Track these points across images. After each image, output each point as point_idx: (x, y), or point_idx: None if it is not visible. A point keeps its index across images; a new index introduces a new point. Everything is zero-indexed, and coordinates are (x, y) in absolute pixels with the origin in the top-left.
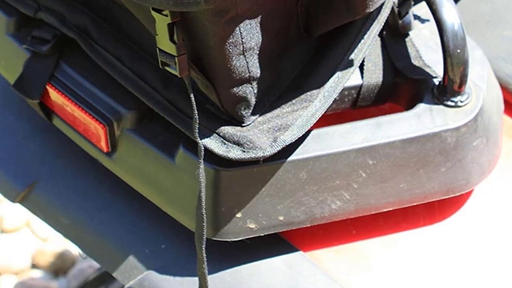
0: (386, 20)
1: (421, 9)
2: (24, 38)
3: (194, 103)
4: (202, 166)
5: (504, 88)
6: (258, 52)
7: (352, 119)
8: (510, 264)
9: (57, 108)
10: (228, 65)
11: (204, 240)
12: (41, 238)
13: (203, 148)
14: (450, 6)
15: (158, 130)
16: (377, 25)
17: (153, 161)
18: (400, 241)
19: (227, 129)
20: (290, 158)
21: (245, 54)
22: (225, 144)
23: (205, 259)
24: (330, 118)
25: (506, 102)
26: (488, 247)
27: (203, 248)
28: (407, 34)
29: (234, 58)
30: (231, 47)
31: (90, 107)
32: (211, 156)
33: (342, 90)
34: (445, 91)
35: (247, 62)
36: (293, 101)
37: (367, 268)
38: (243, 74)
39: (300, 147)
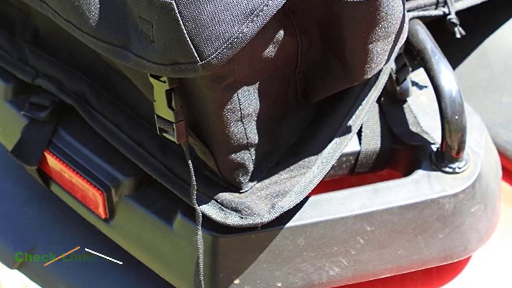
0: (384, 86)
1: (419, 75)
2: (22, 105)
3: (192, 169)
4: (200, 232)
5: (502, 154)
6: (256, 118)
7: (350, 185)
8: None
9: (55, 175)
10: (226, 132)
11: None
12: None
13: (201, 214)
14: (448, 72)
15: (156, 196)
16: (375, 91)
17: (151, 228)
18: None
19: (225, 196)
20: (288, 224)
21: (243, 120)
22: (223, 210)
23: None
24: (328, 184)
25: (504, 168)
26: None
27: None
28: (405, 101)
29: (232, 124)
30: (229, 114)
31: (88, 173)
32: (209, 223)
33: (340, 156)
34: (443, 158)
35: (245, 128)
36: (291, 167)
37: None
38: (241, 141)
39: (298, 213)
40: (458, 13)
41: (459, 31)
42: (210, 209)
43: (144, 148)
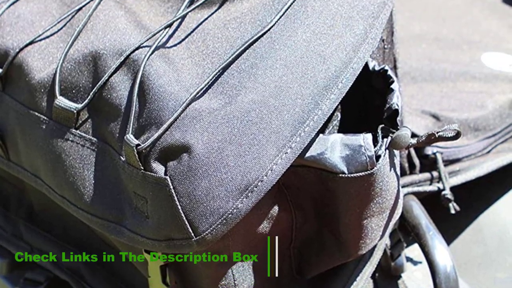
0: (379, 262)
1: (414, 251)
2: (17, 280)
3: None
4: None
5: None
6: None
7: None
8: None
9: None
10: None
11: None
12: None
13: None
14: (442, 248)
15: None
16: (370, 267)
17: None
18: None
19: None
20: None
21: None
22: None
23: None
24: None
25: None
26: None
27: None
28: (400, 276)
29: None
30: None
31: None
32: None
33: None
34: None
35: None
36: None
37: None
38: None
39: None
40: (452, 189)
41: (453, 207)
42: None
43: None
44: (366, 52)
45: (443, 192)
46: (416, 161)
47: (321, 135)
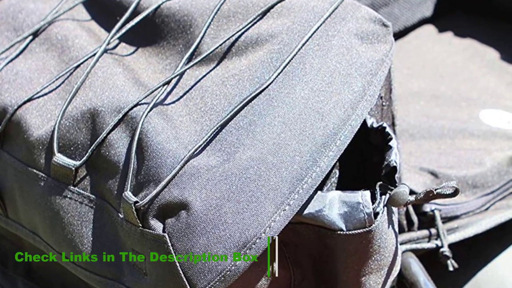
0: None
1: None
2: None
3: None
4: None
5: None
6: None
7: None
8: None
9: None
10: None
11: None
12: None
13: None
14: None
15: None
16: None
17: None
18: None
19: None
20: None
21: None
22: None
23: None
24: None
25: None
26: None
27: None
28: None
29: None
30: None
31: None
32: None
33: None
34: None
35: None
36: None
37: None
38: None
39: None
40: (450, 246)
41: (451, 264)
42: None
43: None
44: (364, 109)
45: (441, 249)
46: (414, 218)
47: (319, 192)
